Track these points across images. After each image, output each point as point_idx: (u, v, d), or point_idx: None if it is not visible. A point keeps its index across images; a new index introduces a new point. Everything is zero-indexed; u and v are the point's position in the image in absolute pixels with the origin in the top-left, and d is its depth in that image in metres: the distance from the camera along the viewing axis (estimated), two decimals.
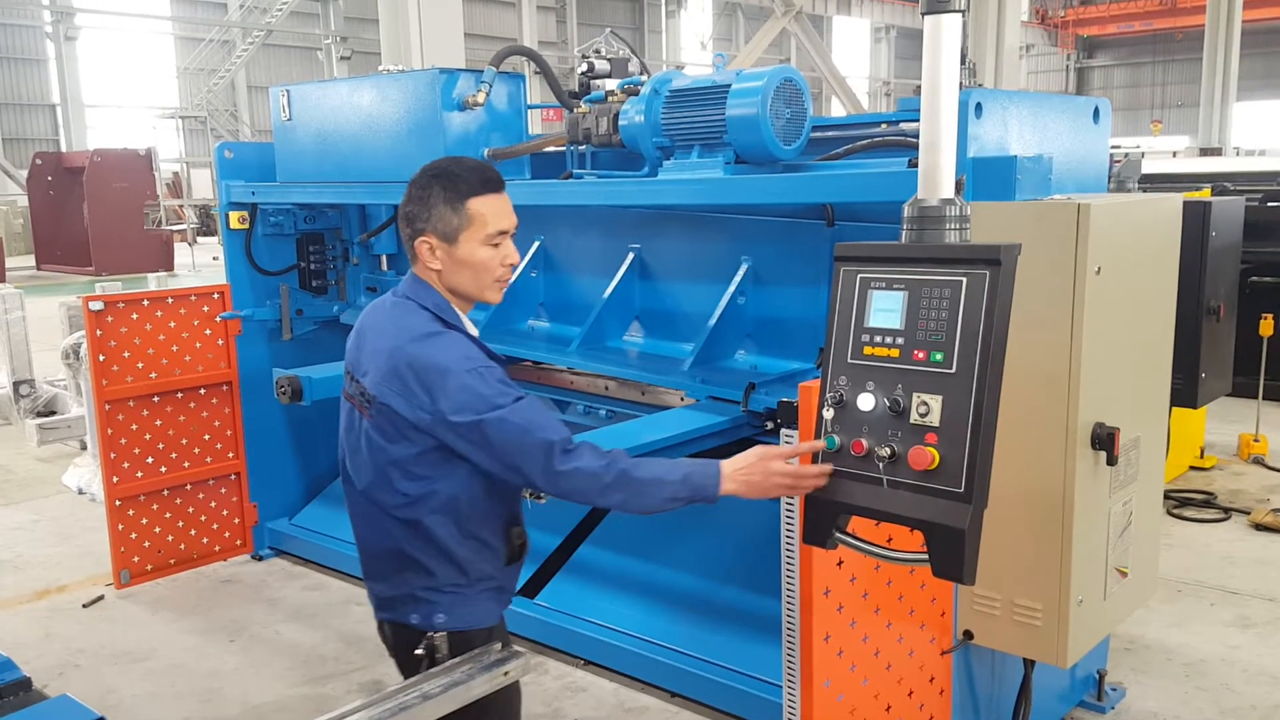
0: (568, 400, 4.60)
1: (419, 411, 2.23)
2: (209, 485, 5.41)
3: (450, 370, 2.22)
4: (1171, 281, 3.12)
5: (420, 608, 2.37)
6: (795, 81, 3.55)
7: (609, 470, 2.20)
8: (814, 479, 2.02)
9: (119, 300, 5.06)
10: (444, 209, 2.30)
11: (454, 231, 2.31)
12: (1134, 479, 2.98)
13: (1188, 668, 4.18)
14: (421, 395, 2.22)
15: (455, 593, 2.36)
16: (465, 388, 2.20)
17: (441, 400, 2.20)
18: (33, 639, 4.69)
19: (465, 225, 2.30)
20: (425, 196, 2.31)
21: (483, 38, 30.24)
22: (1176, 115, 43.99)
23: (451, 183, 2.30)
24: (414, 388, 2.23)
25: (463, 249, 2.32)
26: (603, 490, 2.21)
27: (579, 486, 2.22)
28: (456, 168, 2.34)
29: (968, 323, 1.82)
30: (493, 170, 2.37)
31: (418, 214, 2.32)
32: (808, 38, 32.09)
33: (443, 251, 2.32)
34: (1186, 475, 6.57)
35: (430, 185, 2.31)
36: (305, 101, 4.86)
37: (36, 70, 31.28)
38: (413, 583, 2.36)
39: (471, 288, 2.38)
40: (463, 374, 2.22)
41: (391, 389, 2.26)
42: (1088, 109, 3.35)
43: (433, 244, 2.32)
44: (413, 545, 2.34)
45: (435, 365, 2.23)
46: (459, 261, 2.33)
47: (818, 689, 2.54)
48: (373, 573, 2.46)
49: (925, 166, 2.00)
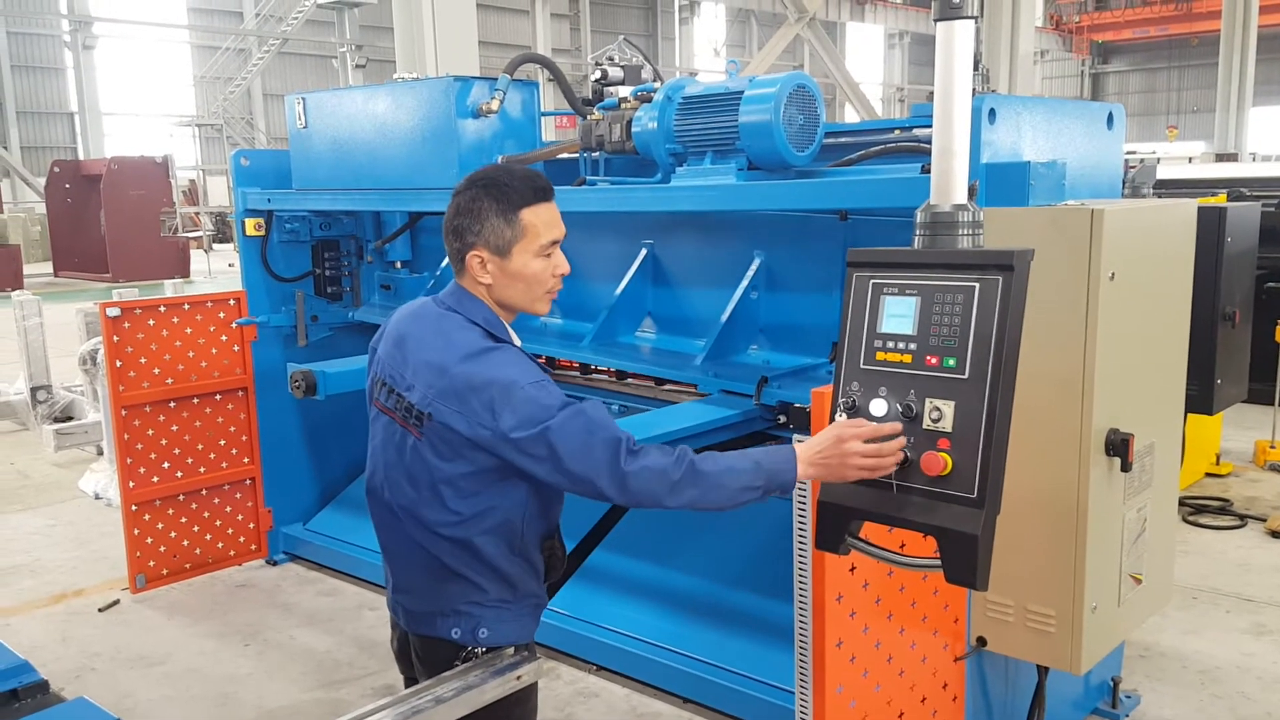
0: (580, 396, 4.60)
1: (480, 429, 2.15)
2: (224, 490, 5.43)
3: (514, 384, 2.15)
4: (1186, 287, 3.11)
5: (462, 622, 2.31)
6: (808, 88, 3.56)
7: (678, 466, 2.09)
8: (894, 456, 1.91)
9: (136, 306, 5.10)
10: (496, 221, 2.21)
11: (506, 244, 2.22)
12: (1148, 485, 2.97)
13: (1203, 675, 4.16)
14: (483, 413, 2.14)
15: (500, 608, 2.33)
16: (529, 400, 2.13)
17: (505, 416, 2.12)
18: (50, 642, 4.72)
19: (518, 237, 2.22)
20: (475, 208, 2.22)
21: (497, 45, 30.33)
22: (1192, 121, 43.83)
23: (502, 193, 2.21)
24: (474, 405, 2.15)
25: (515, 261, 2.23)
26: (673, 488, 2.09)
27: (648, 487, 2.10)
28: (506, 177, 2.25)
29: (980, 328, 1.82)
30: (542, 178, 2.28)
31: (468, 227, 2.23)
32: (821, 44, 32.09)
33: (494, 265, 2.24)
34: (1202, 482, 6.54)
35: (480, 196, 2.22)
36: (321, 109, 4.90)
37: (55, 79, 31.56)
38: (456, 598, 2.31)
39: (522, 300, 2.30)
40: (526, 387, 2.14)
41: (449, 407, 2.18)
42: (1102, 114, 3.35)
43: (484, 258, 2.23)
44: (458, 561, 2.28)
45: (496, 382, 2.15)
46: (511, 275, 2.25)
47: (830, 695, 2.54)
48: (404, 586, 2.39)
49: (938, 172, 2.00)
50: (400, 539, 2.36)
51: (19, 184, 29.70)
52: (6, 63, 30.22)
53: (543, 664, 2.40)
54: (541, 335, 4.70)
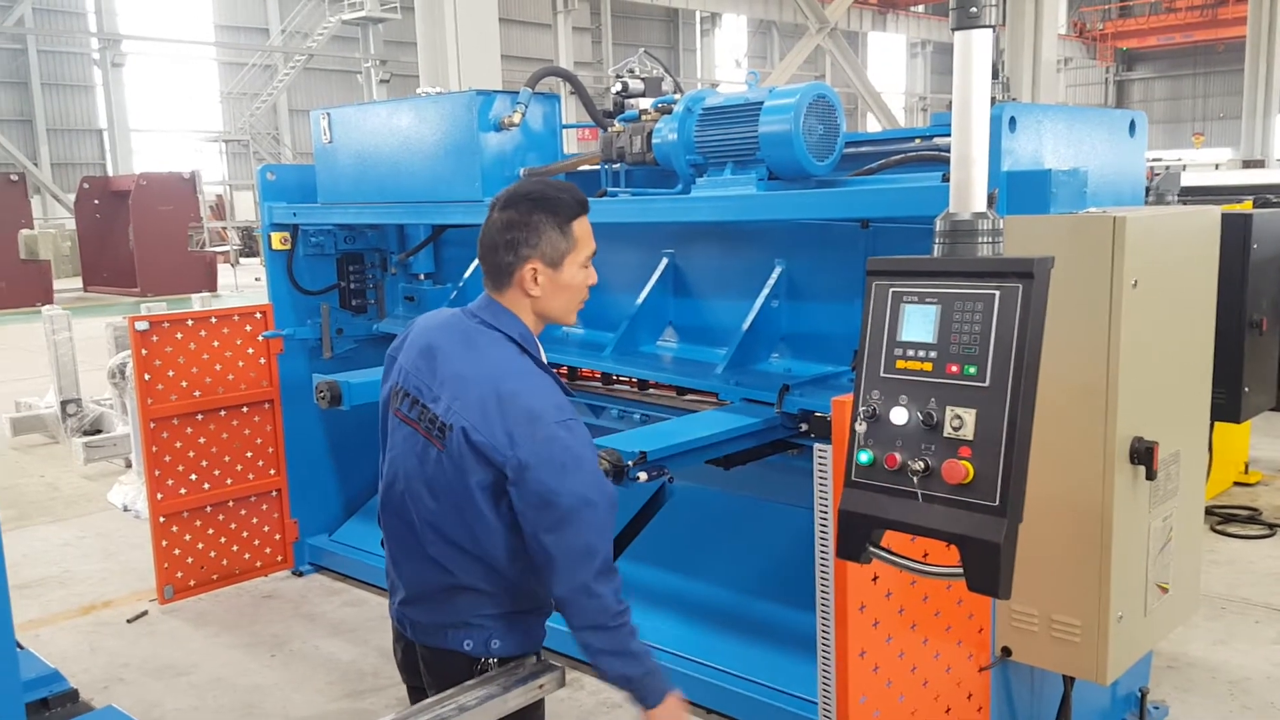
0: (602, 405, 4.62)
1: (496, 451, 2.18)
2: (251, 502, 5.48)
3: (541, 418, 2.17)
4: (1211, 294, 3.09)
5: (474, 634, 2.33)
6: (828, 97, 3.57)
7: (619, 617, 2.22)
8: None
9: (164, 320, 5.16)
10: (553, 233, 2.25)
11: (561, 256, 2.27)
12: (1174, 494, 2.95)
13: (1232, 686, 4.11)
14: (501, 434, 2.17)
15: (511, 619, 2.35)
16: (551, 440, 2.16)
17: (523, 447, 2.16)
18: (79, 653, 4.77)
19: (571, 249, 2.28)
20: (532, 222, 2.24)
21: (519, 59, 30.54)
22: (1218, 128, 43.44)
23: (554, 207, 2.26)
24: (495, 425, 2.18)
25: (566, 273, 2.29)
26: (598, 627, 2.22)
27: (589, 609, 2.21)
28: (554, 191, 2.29)
29: (1001, 336, 1.82)
30: (580, 190, 2.34)
31: (524, 240, 2.25)
32: (842, 54, 32.08)
33: (545, 277, 2.27)
34: (1230, 491, 6.47)
35: (534, 210, 2.25)
36: (345, 124, 4.95)
37: (84, 96, 32.00)
38: (466, 610, 2.33)
39: (561, 311, 2.35)
40: (553, 425, 2.17)
41: (473, 422, 2.20)
42: (1124, 122, 3.33)
43: (539, 269, 2.26)
44: (472, 574, 2.30)
45: (527, 410, 2.18)
46: (561, 286, 2.29)
47: (853, 705, 2.53)
48: (414, 598, 2.40)
49: (957, 180, 2.00)
50: (413, 550, 2.37)
51: (49, 200, 30.13)
52: (37, 81, 30.68)
53: (565, 674, 2.41)
54: (563, 345, 4.71)
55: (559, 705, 4.03)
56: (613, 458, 3.14)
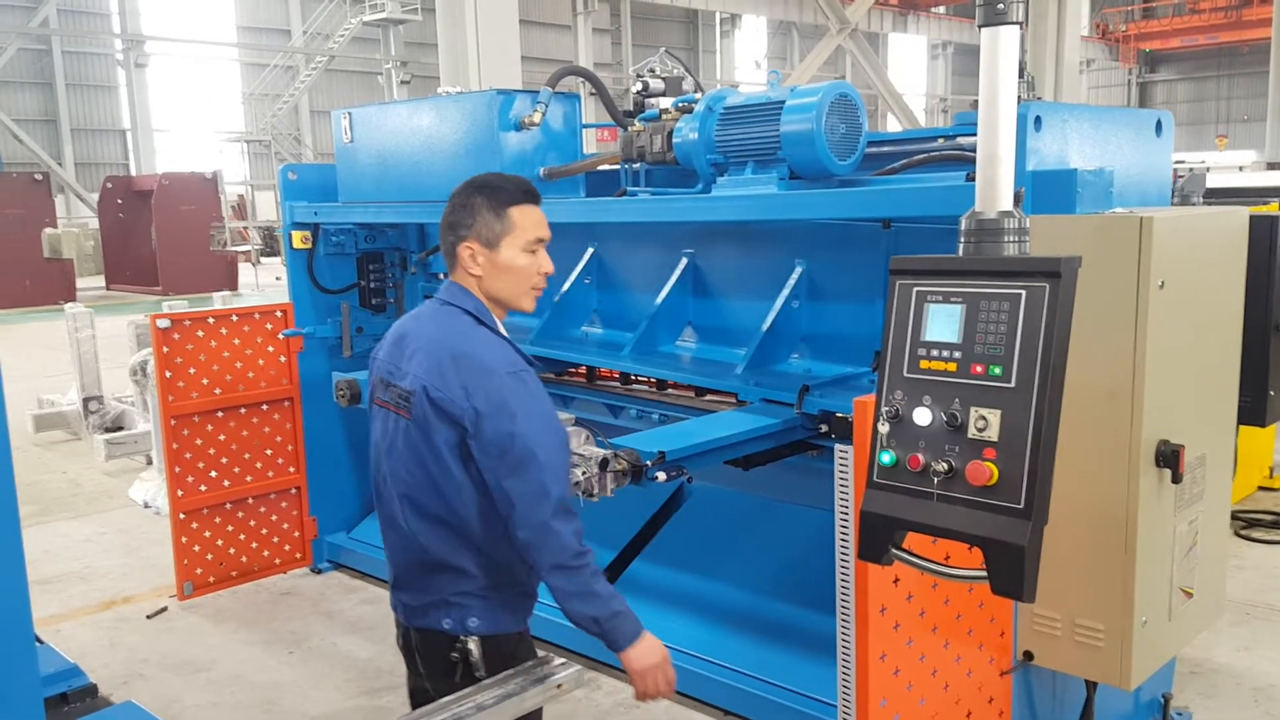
0: (621, 405, 4.61)
1: (454, 404, 2.31)
2: (270, 499, 5.50)
3: (493, 370, 2.32)
4: (1237, 296, 3.05)
5: (453, 612, 2.43)
6: (850, 97, 3.54)
7: (580, 558, 2.30)
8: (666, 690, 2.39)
9: (185, 318, 5.18)
10: (487, 215, 2.43)
11: (496, 237, 2.43)
12: (1200, 498, 2.91)
13: (1257, 692, 4.06)
14: (456, 388, 2.31)
15: (488, 597, 2.42)
16: (502, 388, 2.30)
17: (477, 396, 2.30)
18: (99, 648, 4.80)
19: (507, 231, 2.43)
20: (469, 204, 2.44)
21: (539, 60, 30.59)
22: (1243, 130, 43.08)
23: (494, 192, 2.45)
24: (451, 380, 2.32)
25: (504, 254, 2.44)
26: (561, 567, 2.29)
27: (549, 546, 2.29)
28: (498, 180, 2.49)
29: (1027, 336, 1.80)
30: (530, 183, 2.53)
31: (461, 220, 2.44)
32: (863, 55, 31.98)
33: (484, 257, 2.44)
34: (1255, 495, 6.40)
35: (474, 195, 2.45)
36: (366, 124, 4.96)
37: (108, 97, 32.27)
38: (444, 588, 2.43)
39: (509, 294, 2.48)
40: (504, 375, 2.32)
41: (431, 382, 2.35)
42: (1150, 122, 3.30)
43: (475, 249, 2.43)
44: (447, 548, 2.41)
45: (479, 364, 2.33)
46: (500, 267, 2.44)
47: (873, 709, 2.51)
48: (402, 582, 2.53)
49: (983, 179, 1.98)
50: (398, 532, 2.49)
51: (73, 199, 30.40)
52: (61, 81, 30.96)
53: (583, 674, 2.40)
54: (582, 345, 4.71)
55: (576, 705, 4.02)
56: (631, 457, 3.13)
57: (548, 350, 4.51)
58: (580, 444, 3.05)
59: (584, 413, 4.69)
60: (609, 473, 3.02)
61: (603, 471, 3.00)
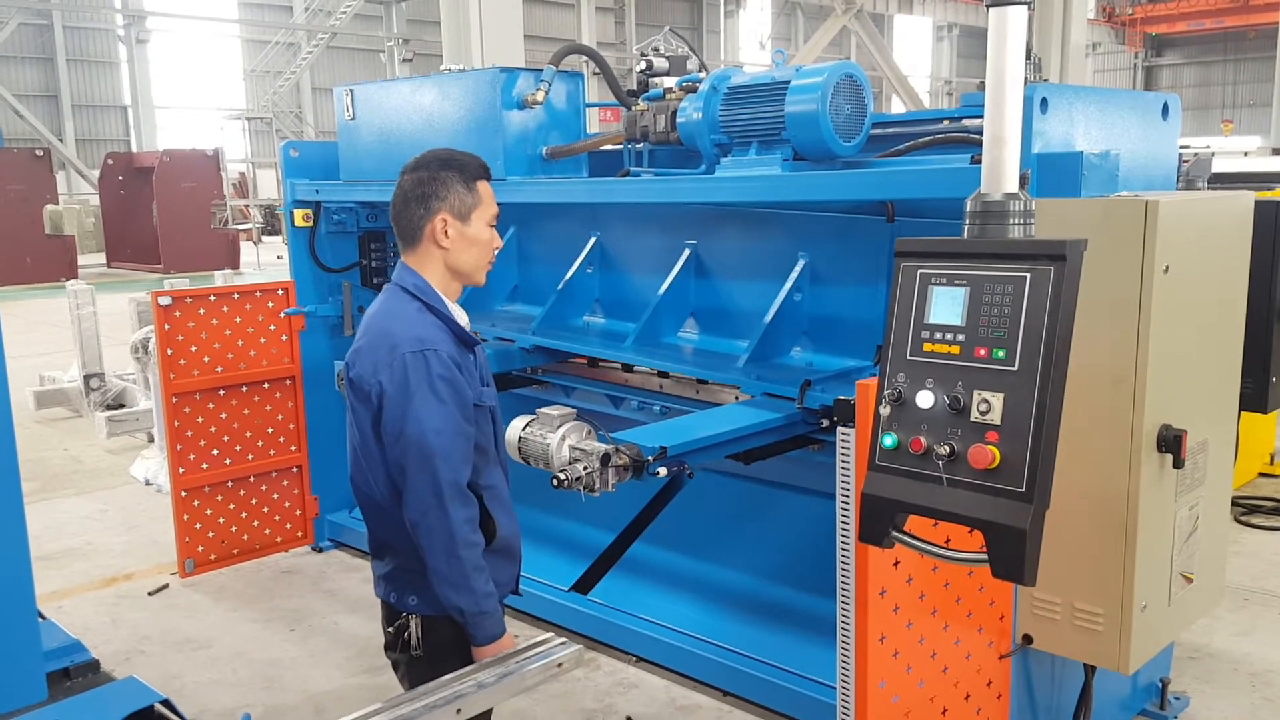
0: (622, 396, 4.60)
1: (365, 382, 2.38)
2: (271, 477, 5.51)
3: (396, 347, 2.36)
4: (1242, 282, 3.04)
5: (396, 588, 2.50)
6: (855, 77, 3.52)
7: (469, 548, 2.33)
8: None
9: (186, 296, 5.18)
10: (460, 188, 2.47)
11: (468, 209, 2.48)
12: (1201, 483, 2.91)
13: (1254, 677, 4.07)
14: (368, 366, 2.38)
15: (425, 578, 2.42)
16: (402, 366, 2.33)
17: (383, 373, 2.35)
18: (101, 625, 4.82)
19: (477, 204, 2.49)
20: (441, 177, 2.47)
21: (542, 39, 30.43)
22: (1248, 115, 42.87)
23: (461, 166, 2.50)
24: (365, 359, 2.40)
25: (474, 226, 2.50)
26: (446, 552, 2.31)
27: (434, 530, 2.31)
28: (462, 156, 2.53)
29: (1031, 319, 1.79)
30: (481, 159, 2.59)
31: (435, 193, 2.47)
32: (868, 36, 31.82)
33: (455, 229, 2.48)
34: (1256, 482, 6.41)
35: (443, 168, 2.48)
36: (368, 101, 4.94)
37: (109, 73, 32.13)
38: (389, 562, 2.51)
39: (472, 265, 2.53)
40: (406, 354, 2.35)
41: (354, 361, 2.43)
42: (1156, 105, 3.28)
43: (448, 221, 2.47)
44: (385, 528, 2.48)
45: (389, 341, 2.38)
46: (469, 239, 2.49)
47: (872, 690, 2.52)
48: (373, 552, 2.62)
49: (989, 160, 1.96)
50: (363, 509, 2.56)
51: (74, 176, 30.32)
52: (62, 57, 30.82)
53: (583, 653, 2.41)
54: (584, 335, 4.69)
55: (575, 685, 4.04)
56: (633, 452, 3.12)
57: (549, 340, 4.49)
58: (582, 439, 3.05)
59: (585, 403, 4.68)
60: (610, 468, 3.02)
61: (604, 467, 2.99)
